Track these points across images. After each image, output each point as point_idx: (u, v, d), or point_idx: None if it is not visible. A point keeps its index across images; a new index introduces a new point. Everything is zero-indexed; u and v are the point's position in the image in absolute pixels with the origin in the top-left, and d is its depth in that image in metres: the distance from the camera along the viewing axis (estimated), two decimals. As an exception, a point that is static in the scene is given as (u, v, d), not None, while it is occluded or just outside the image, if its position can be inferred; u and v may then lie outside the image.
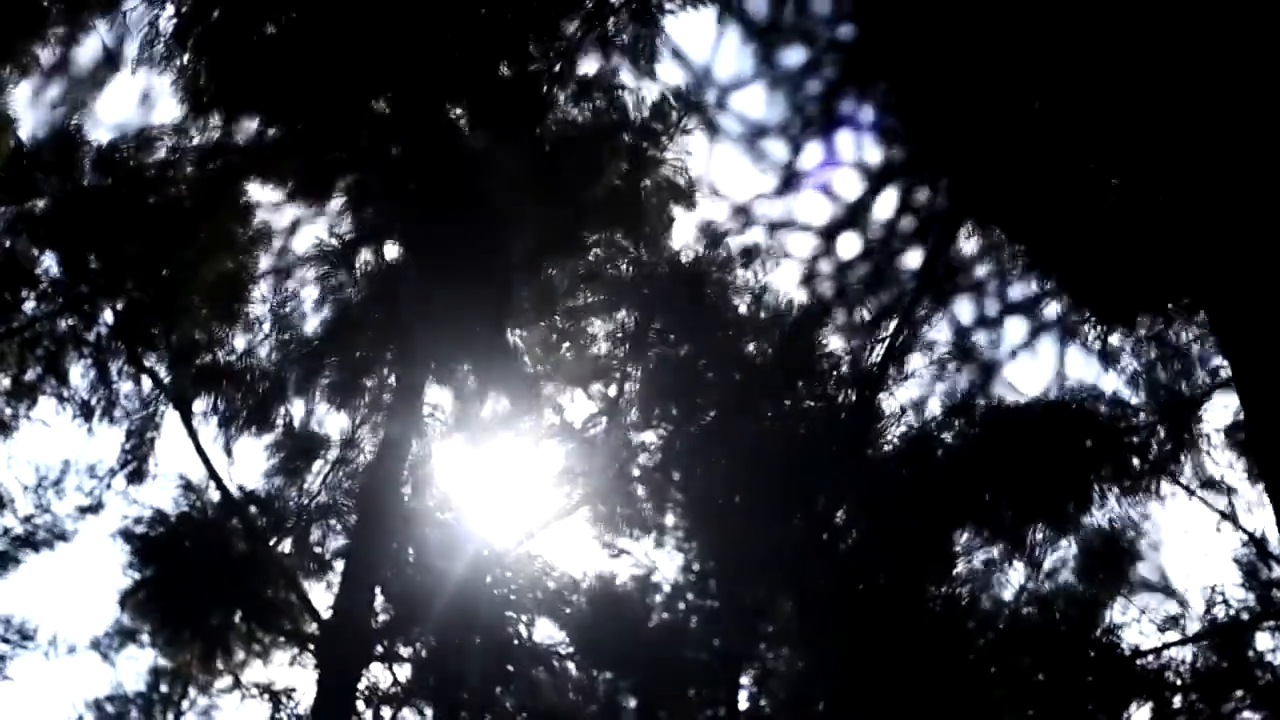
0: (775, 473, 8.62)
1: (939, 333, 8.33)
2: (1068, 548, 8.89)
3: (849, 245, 5.52)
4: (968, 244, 7.21)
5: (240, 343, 8.77)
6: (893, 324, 8.21)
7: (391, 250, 8.46)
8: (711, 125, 5.66)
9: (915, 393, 8.47)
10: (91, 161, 8.43)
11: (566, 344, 8.63)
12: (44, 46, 8.44)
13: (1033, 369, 7.76)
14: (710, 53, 5.87)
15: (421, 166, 7.81)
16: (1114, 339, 8.35)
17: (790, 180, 5.11)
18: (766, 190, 5.44)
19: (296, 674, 8.73)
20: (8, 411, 8.95)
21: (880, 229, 5.52)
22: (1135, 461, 8.79)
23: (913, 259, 6.53)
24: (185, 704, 9.35)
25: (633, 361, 8.75)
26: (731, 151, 5.50)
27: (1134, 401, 8.78)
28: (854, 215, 5.27)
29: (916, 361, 8.47)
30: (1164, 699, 8.58)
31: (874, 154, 5.20)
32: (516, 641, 8.62)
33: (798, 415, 8.85)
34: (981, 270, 7.34)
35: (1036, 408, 8.56)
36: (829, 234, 5.39)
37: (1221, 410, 8.66)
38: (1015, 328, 7.85)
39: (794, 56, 5.01)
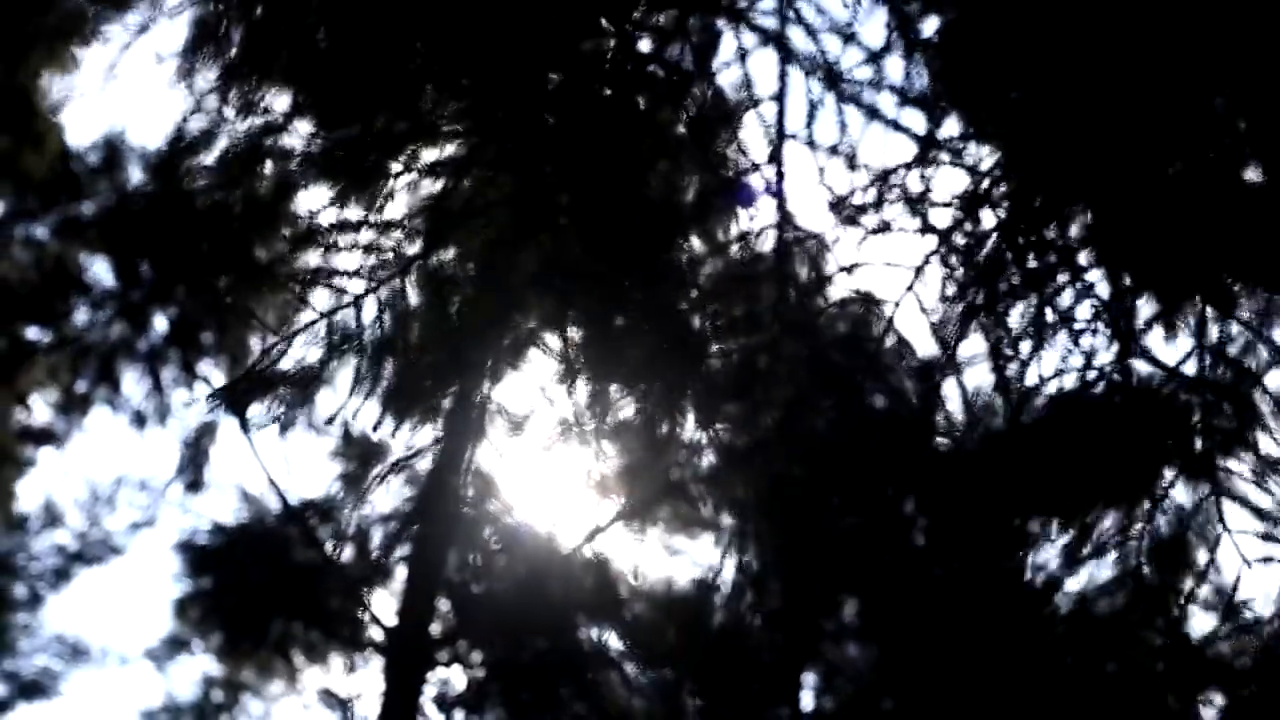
0: (838, 466, 8.55)
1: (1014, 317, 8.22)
2: (1136, 534, 8.80)
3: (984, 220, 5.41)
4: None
5: (297, 348, 8.66)
6: (966, 308, 8.12)
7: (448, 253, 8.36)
8: (849, 98, 5.54)
9: (982, 379, 8.38)
10: (140, 166, 8.36)
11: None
12: (87, 49, 8.36)
13: (1096, 350, 7.64)
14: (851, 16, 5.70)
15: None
16: (1177, 318, 8.26)
17: (926, 151, 5.01)
18: (901, 161, 5.31)
19: (360, 681, 8.69)
20: (60, 423, 8.90)
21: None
22: (1201, 443, 8.70)
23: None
24: (237, 711, 9.29)
25: (692, 360, 8.65)
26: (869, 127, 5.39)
27: (1197, 382, 8.63)
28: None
29: (986, 346, 8.39)
30: (1235, 687, 8.51)
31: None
32: (581, 644, 8.55)
33: (860, 408, 8.76)
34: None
35: (1100, 391, 8.48)
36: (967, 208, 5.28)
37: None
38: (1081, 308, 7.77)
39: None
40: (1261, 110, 6.59)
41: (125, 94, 8.58)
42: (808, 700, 9.21)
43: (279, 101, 8.15)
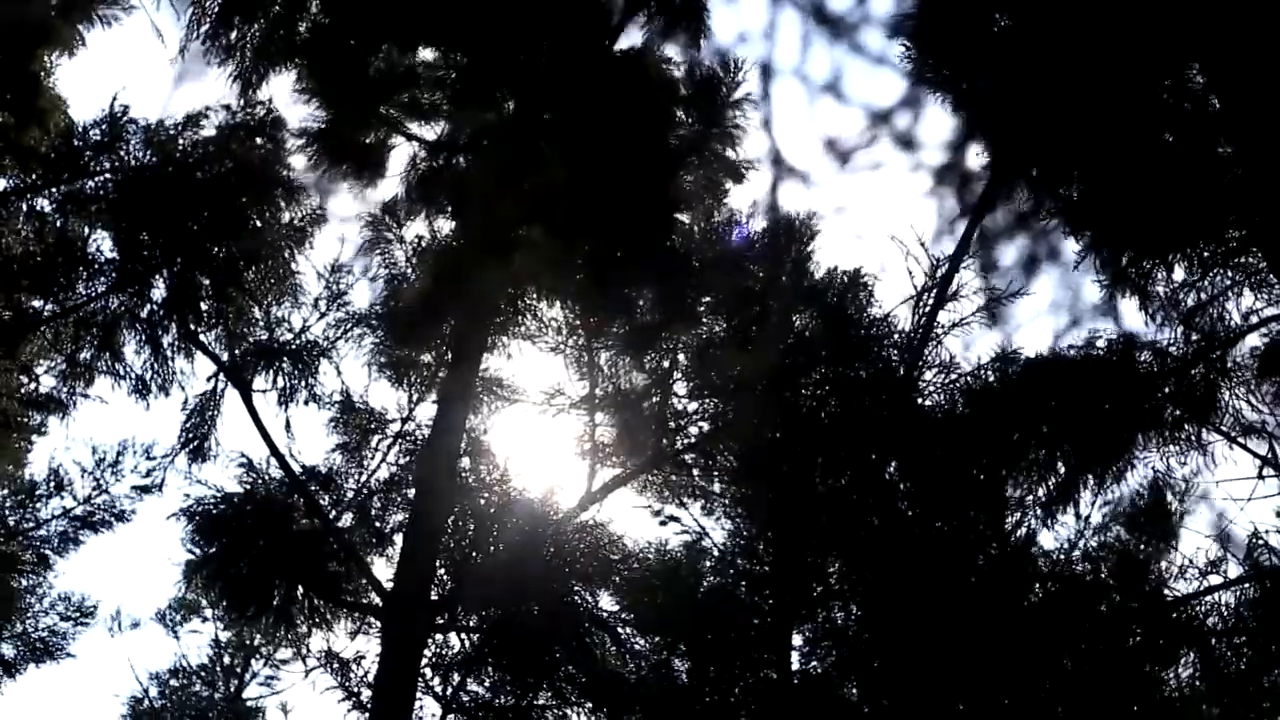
0: (824, 433, 8.73)
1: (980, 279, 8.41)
2: (1113, 499, 8.98)
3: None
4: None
5: (297, 318, 8.85)
6: (942, 270, 8.32)
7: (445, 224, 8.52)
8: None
9: (961, 344, 8.57)
10: (141, 140, 8.46)
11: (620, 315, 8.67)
12: (90, 27, 8.48)
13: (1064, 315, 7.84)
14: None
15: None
16: (1153, 282, 8.37)
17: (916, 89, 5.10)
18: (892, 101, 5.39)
19: (360, 645, 8.87)
20: (64, 392, 9.03)
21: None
22: (1173, 409, 8.83)
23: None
24: (248, 675, 9.46)
25: (683, 331, 8.82)
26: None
27: (1171, 347, 8.74)
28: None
29: (962, 309, 8.59)
30: (1209, 645, 8.67)
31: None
32: (575, 608, 8.72)
33: (845, 378, 8.93)
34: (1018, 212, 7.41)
35: (1073, 356, 8.62)
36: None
37: (1258, 354, 8.68)
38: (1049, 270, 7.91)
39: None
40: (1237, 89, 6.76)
41: (129, 69, 8.71)
42: (796, 661, 9.43)
43: (279, 77, 8.32)
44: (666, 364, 8.91)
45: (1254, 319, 8.59)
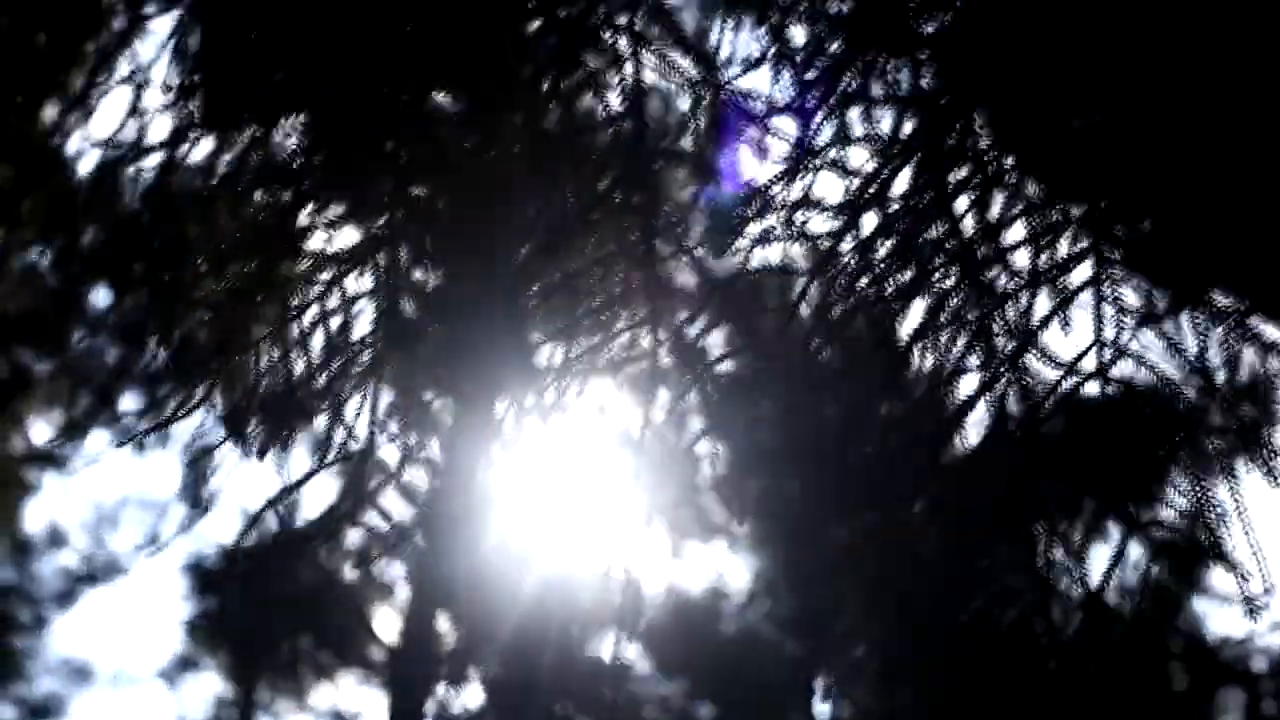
0: (846, 473, 8.48)
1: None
2: (1148, 536, 8.69)
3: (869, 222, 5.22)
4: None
5: (295, 368, 8.65)
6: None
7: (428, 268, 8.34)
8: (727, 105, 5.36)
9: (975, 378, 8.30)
10: (136, 194, 8.33)
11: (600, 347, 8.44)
12: (82, 79, 8.35)
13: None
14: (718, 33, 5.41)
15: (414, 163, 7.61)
16: (1183, 318, 8.09)
17: (800, 158, 4.81)
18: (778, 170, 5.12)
19: (365, 700, 8.68)
20: (62, 448, 8.87)
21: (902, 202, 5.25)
22: (1210, 443, 8.56)
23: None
24: (251, 733, 9.30)
25: (692, 368, 8.61)
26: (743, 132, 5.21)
27: (1205, 381, 8.47)
28: (874, 191, 4.98)
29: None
30: (1253, 688, 8.45)
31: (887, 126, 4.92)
32: (588, 657, 8.50)
33: (866, 414, 8.67)
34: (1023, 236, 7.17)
35: (1106, 392, 8.37)
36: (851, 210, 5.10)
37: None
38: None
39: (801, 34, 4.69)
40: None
41: (131, 123, 8.54)
42: (821, 706, 9.18)
43: (264, 118, 8.15)
44: (680, 399, 8.68)
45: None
